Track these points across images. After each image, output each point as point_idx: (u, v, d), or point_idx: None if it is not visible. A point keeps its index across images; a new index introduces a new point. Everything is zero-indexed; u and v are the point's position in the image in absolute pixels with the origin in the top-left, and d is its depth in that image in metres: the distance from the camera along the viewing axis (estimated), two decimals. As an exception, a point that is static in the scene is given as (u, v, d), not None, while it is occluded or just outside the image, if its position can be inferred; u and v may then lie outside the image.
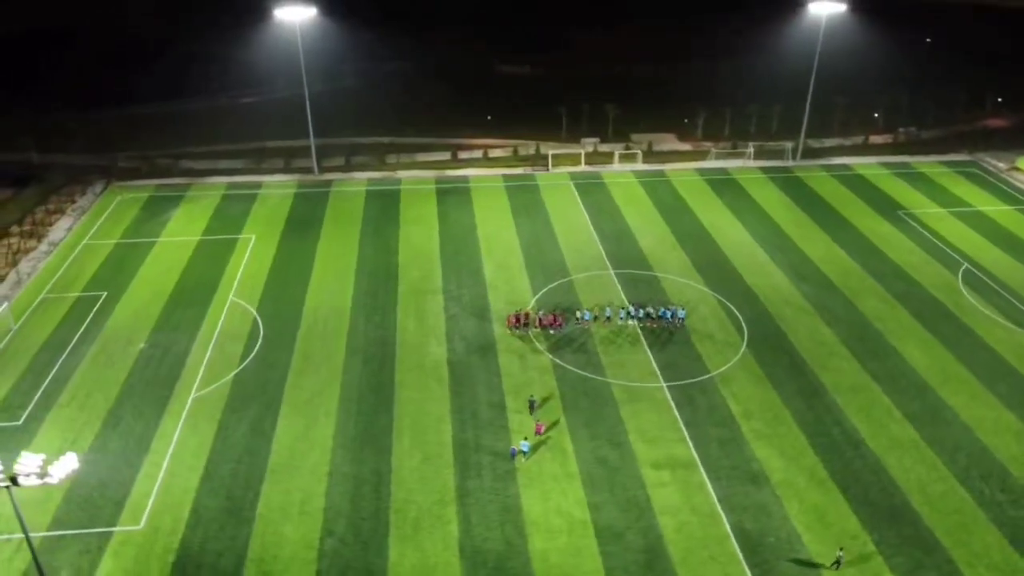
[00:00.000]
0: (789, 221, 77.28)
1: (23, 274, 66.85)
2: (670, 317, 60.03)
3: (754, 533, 42.55)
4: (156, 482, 45.53)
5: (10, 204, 78.54)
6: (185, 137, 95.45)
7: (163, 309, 62.33)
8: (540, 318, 59.59)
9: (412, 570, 40.28)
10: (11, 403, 51.86)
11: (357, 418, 50.69)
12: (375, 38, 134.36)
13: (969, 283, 66.69)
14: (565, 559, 40.93)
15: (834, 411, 51.62)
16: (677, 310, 60.60)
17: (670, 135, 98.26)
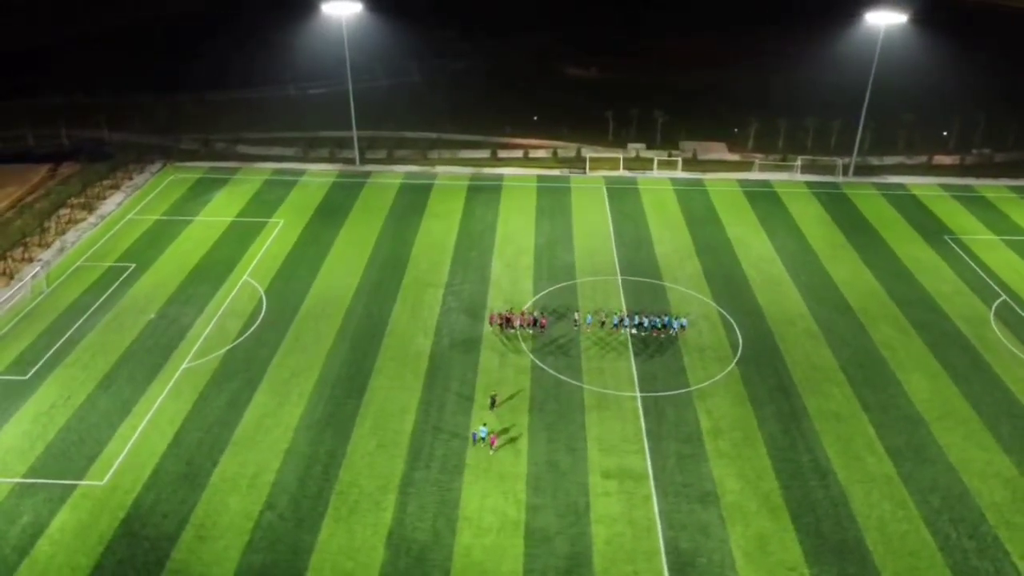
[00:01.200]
0: (821, 239, 74.13)
1: (67, 242, 72.12)
2: (660, 326, 58.82)
3: (687, 553, 41.44)
4: (128, 443, 48.44)
5: (75, 178, 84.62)
6: (248, 123, 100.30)
7: (180, 283, 65.94)
8: (520, 318, 59.57)
9: (337, 551, 41.37)
10: (24, 359, 56.22)
11: (328, 401, 52.28)
12: (455, 36, 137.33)
13: (1003, 317, 62.27)
14: (487, 557, 41.07)
15: (810, 437, 49.46)
16: (675, 320, 59.39)
17: (720, 144, 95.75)
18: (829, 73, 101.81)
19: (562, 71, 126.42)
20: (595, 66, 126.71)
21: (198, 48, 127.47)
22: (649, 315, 60.02)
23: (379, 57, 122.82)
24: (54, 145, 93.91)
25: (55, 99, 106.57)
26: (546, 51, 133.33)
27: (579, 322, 59.78)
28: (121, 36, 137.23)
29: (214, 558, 40.81)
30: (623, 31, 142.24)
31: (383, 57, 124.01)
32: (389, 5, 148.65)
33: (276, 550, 41.34)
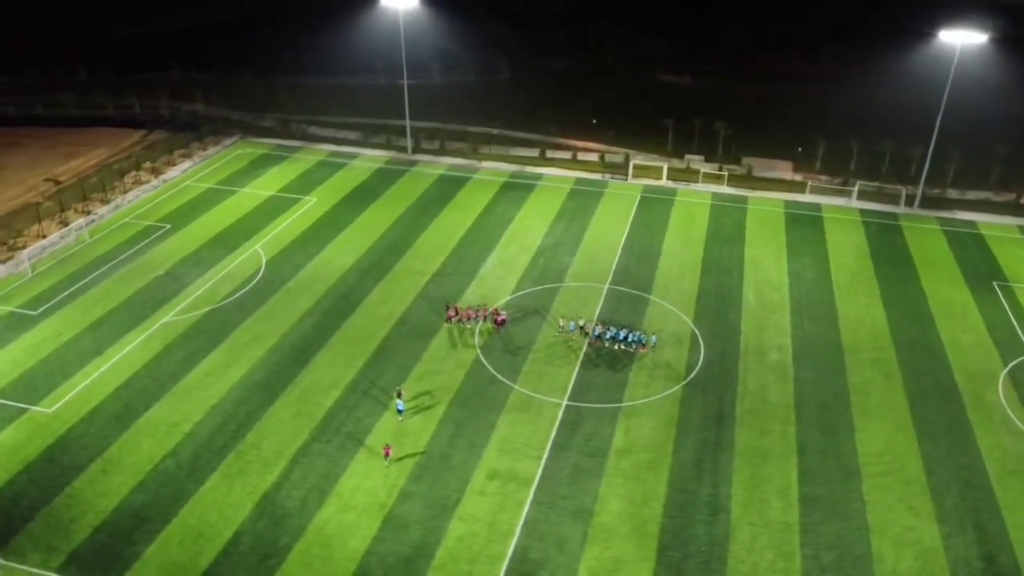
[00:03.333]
0: (846, 270, 68.76)
1: (125, 201, 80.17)
2: (623, 338, 57.19)
3: (533, 563, 40.77)
4: (86, 380, 53.81)
5: (159, 145, 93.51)
6: (331, 108, 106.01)
7: (199, 247, 71.64)
8: (477, 312, 59.97)
9: (209, 503, 44.17)
10: (41, 297, 63.53)
11: (270, 367, 55.36)
12: (563, 36, 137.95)
13: (1017, 378, 55.42)
14: (338, 532, 42.38)
15: (721, 472, 46.77)
16: (642, 335, 57.50)
17: (786, 163, 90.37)
18: (925, 95, 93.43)
19: (655, 76, 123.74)
20: (689, 74, 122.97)
21: (299, 36, 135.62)
22: (618, 327, 58.24)
23: (474, 54, 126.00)
24: (155, 114, 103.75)
25: (174, 74, 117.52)
26: (649, 56, 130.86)
27: (564, 328, 58.85)
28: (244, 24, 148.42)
29: (104, 491, 44.80)
30: (738, 41, 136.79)
31: (478, 54, 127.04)
32: (503, 4, 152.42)
33: (160, 493, 44.73)
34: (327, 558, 40.90)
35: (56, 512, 43.44)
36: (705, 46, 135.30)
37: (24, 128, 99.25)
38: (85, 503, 44.03)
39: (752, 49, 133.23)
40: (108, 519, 43.03)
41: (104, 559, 40.67)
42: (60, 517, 43.09)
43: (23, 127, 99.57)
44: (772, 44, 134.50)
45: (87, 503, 44.02)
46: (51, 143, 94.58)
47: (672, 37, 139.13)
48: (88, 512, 43.44)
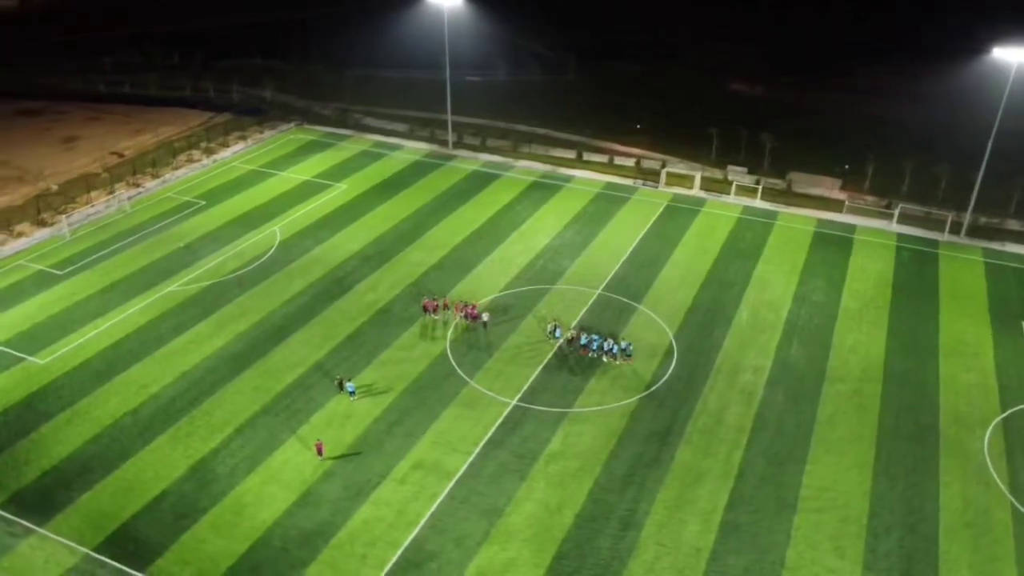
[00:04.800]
0: (860, 296, 64.98)
1: (173, 177, 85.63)
2: (596, 347, 56.38)
3: (426, 554, 41.31)
4: (82, 339, 58.24)
5: (221, 126, 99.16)
6: (391, 100, 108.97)
7: (224, 224, 75.72)
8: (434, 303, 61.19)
9: (150, 461, 47.14)
10: (71, 259, 69.06)
11: (248, 342, 58.12)
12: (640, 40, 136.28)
13: (1011, 427, 51.02)
14: (255, 502, 44.31)
15: (648, 488, 45.65)
16: (614, 344, 56.50)
17: (835, 180, 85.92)
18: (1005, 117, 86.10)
19: (725, 84, 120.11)
20: (762, 84, 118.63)
21: (374, 31, 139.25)
22: (593, 334, 57.42)
23: (541, 53, 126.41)
24: (226, 99, 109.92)
25: (256, 62, 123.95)
26: (724, 63, 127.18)
27: (555, 334, 58.20)
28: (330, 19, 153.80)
29: (63, 440, 48.58)
30: (824, 52, 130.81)
31: (546, 53, 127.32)
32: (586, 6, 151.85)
33: (110, 447, 48.08)
34: (235, 524, 42.81)
35: (16, 453, 47.46)
36: (789, 57, 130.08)
37: (109, 105, 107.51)
38: (43, 448, 47.85)
39: (838, 62, 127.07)
40: (57, 465, 46.65)
41: (42, 501, 44.15)
42: (17, 458, 47.04)
43: (108, 104, 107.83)
44: (862, 57, 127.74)
45: (44, 448, 47.82)
46: (127, 120, 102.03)
47: (754, 45, 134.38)
48: (43, 457, 47.21)
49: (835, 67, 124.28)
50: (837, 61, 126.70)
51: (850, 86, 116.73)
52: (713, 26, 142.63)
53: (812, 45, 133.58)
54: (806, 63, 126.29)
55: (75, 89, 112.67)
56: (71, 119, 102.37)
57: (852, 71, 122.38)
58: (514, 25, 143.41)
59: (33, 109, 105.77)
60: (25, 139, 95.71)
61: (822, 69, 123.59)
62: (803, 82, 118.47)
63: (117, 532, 42.33)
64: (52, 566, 40.34)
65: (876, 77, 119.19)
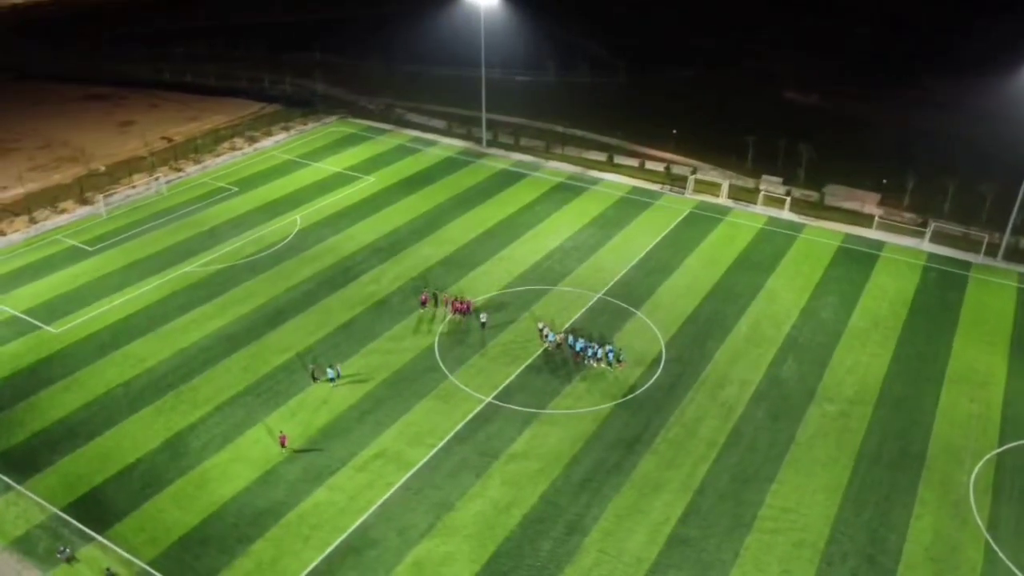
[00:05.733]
0: (872, 316, 62.40)
1: (214, 163, 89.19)
2: (580, 350, 56.04)
3: (367, 541, 42.25)
4: (95, 312, 61.53)
5: (268, 117, 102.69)
6: (438, 97, 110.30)
7: (250, 211, 78.51)
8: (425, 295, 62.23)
9: (132, 431, 49.57)
10: (103, 237, 72.98)
11: (247, 323, 60.27)
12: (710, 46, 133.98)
13: (1005, 464, 48.24)
14: (218, 477, 46.10)
15: (603, 495, 45.28)
16: (598, 348, 56.08)
17: (873, 195, 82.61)
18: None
19: (779, 93, 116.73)
20: (819, 93, 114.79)
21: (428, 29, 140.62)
22: (583, 340, 57.12)
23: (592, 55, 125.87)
24: (280, 90, 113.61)
25: (315, 56, 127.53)
26: (782, 70, 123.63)
27: (552, 339, 57.73)
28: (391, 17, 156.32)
29: (57, 405, 51.62)
30: (892, 62, 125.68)
31: (597, 55, 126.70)
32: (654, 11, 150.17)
33: (97, 415, 50.81)
34: (195, 498, 44.61)
35: (13, 415, 50.69)
36: (851, 66, 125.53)
37: (170, 92, 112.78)
38: (37, 412, 50.91)
39: (906, 73, 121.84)
40: (47, 428, 49.58)
41: (26, 460, 47.09)
42: (13, 420, 50.23)
43: (169, 91, 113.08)
44: (932, 69, 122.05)
45: (38, 412, 50.87)
46: (183, 107, 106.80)
47: (816, 53, 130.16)
48: (35, 420, 50.25)
49: (900, 78, 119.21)
50: (905, 72, 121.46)
51: (914, 98, 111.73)
52: (776, 33, 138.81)
53: (878, 54, 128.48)
54: (869, 73, 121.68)
55: (142, 77, 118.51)
56: (133, 104, 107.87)
57: (918, 83, 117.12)
58: (574, 26, 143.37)
59: (101, 94, 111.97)
60: (87, 122, 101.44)
61: (885, 80, 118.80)
62: (862, 93, 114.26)
63: (86, 495, 44.72)
64: (21, 522, 42.96)
65: (943, 90, 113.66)
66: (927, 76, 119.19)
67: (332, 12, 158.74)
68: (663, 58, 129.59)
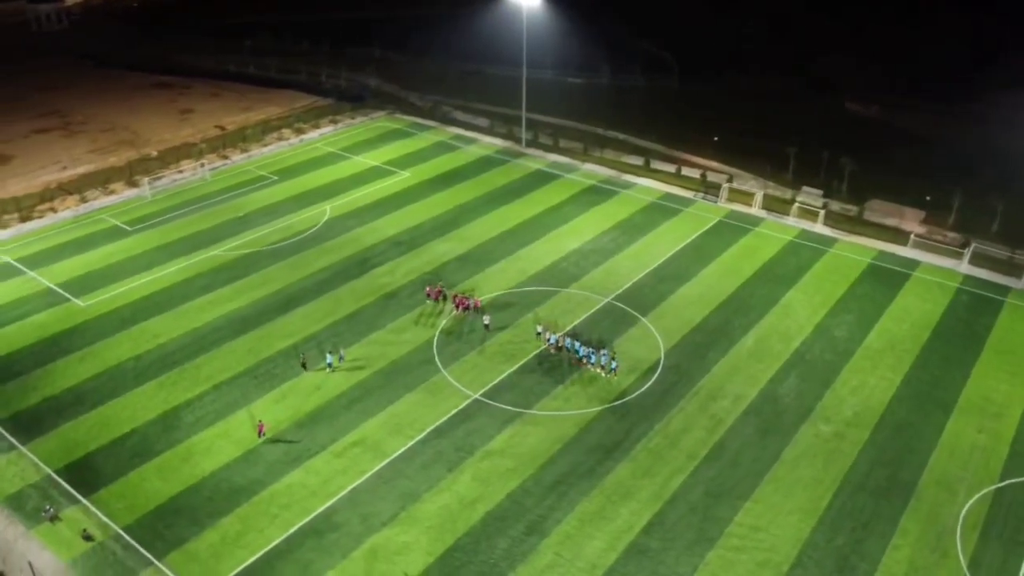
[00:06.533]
0: (889, 337, 59.96)
1: (259, 153, 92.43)
2: (582, 356, 55.72)
3: (330, 525, 43.29)
4: (122, 288, 64.82)
5: (319, 110, 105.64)
6: (487, 96, 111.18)
7: (284, 199, 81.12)
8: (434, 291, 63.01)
9: (131, 403, 52.17)
10: (143, 218, 76.78)
11: (258, 309, 62.42)
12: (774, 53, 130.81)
13: (1003, 498, 45.83)
14: (203, 452, 48.11)
15: (570, 498, 45.16)
16: (595, 354, 55.68)
17: (917, 212, 79.27)
18: None
19: (838, 103, 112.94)
20: (881, 104, 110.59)
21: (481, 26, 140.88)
22: (581, 344, 56.91)
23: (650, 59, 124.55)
24: (335, 84, 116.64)
25: (375, 53, 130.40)
26: (845, 80, 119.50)
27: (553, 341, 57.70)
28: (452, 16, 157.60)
29: (71, 374, 54.70)
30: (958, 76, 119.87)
31: (654, 60, 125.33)
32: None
33: (105, 386, 53.60)
34: (178, 470, 46.61)
35: (29, 380, 53.99)
36: (919, 77, 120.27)
37: (231, 83, 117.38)
38: (51, 379, 54.07)
39: (977, 86, 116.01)
40: (56, 395, 52.62)
41: (31, 423, 50.13)
42: (28, 385, 53.48)
43: (231, 82, 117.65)
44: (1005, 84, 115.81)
45: (52, 379, 54.01)
46: (241, 98, 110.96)
47: (883, 63, 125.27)
48: (48, 386, 53.38)
49: (967, 91, 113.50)
50: (971, 85, 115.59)
51: (978, 113, 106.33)
52: (843, 42, 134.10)
53: (947, 66, 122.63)
54: (934, 85, 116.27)
55: (208, 67, 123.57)
56: (195, 94, 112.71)
57: (985, 97, 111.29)
58: (633, 29, 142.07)
59: (167, 83, 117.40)
60: (149, 108, 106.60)
61: (951, 92, 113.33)
62: (924, 105, 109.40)
63: (80, 460, 47.31)
64: (16, 480, 45.80)
65: (1010, 104, 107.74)
66: (994, 90, 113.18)
67: (396, 10, 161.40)
68: (722, 63, 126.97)
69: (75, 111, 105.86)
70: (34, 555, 41.09)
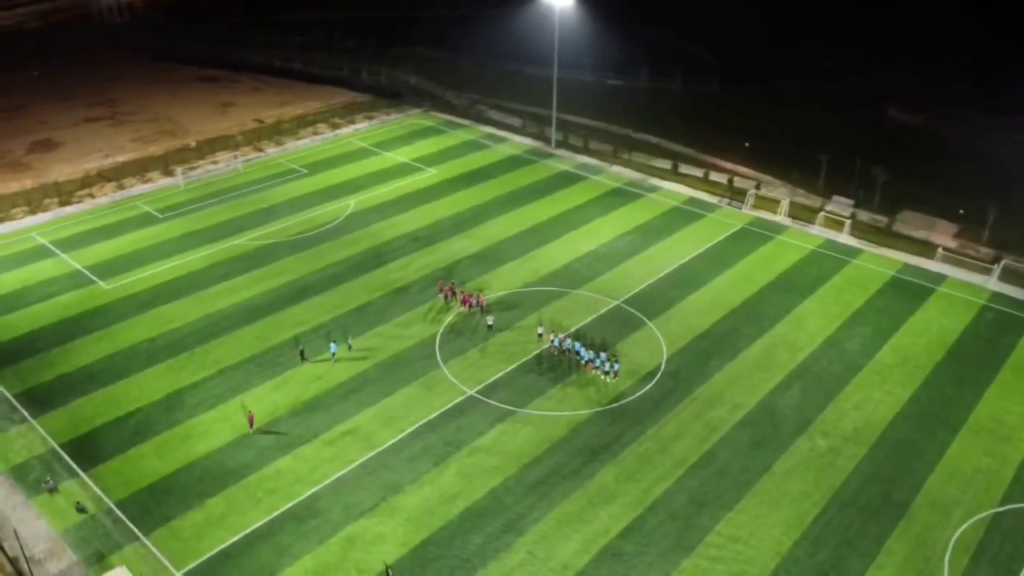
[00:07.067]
0: (903, 353, 58.30)
1: (293, 146, 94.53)
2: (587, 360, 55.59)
3: (312, 511, 44.23)
4: (146, 273, 67.21)
5: (357, 106, 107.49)
6: (523, 95, 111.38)
7: (310, 192, 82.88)
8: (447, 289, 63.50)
9: (139, 383, 54.16)
10: (175, 207, 79.40)
11: (271, 298, 64.02)
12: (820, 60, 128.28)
13: (1000, 524, 44.28)
14: (200, 434, 49.68)
15: (550, 498, 45.27)
16: (602, 360, 55.37)
17: (950, 226, 76.83)
18: None
19: (881, 111, 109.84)
20: (924, 114, 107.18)
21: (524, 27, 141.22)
22: (580, 346, 56.82)
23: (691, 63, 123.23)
24: (375, 81, 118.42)
25: (418, 51, 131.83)
26: (896, 89, 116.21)
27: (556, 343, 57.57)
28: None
29: (87, 353, 57.09)
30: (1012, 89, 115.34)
31: (696, 63, 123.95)
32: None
33: (117, 366, 55.72)
34: (175, 449, 48.24)
35: (48, 358, 56.46)
36: (973, 87, 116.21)
37: (275, 78, 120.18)
38: (68, 357, 56.45)
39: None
40: (71, 373, 54.92)
41: (44, 398, 52.48)
42: (45, 363, 55.99)
43: (275, 77, 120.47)
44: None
45: (69, 357, 56.39)
46: (282, 92, 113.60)
47: (932, 71, 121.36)
48: (64, 364, 55.76)
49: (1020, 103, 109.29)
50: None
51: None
52: (894, 49, 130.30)
53: (1004, 77, 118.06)
54: (988, 96, 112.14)
55: (254, 62, 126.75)
56: (238, 88, 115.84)
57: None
58: (675, 31, 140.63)
59: (214, 76, 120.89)
60: (193, 100, 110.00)
61: (1007, 104, 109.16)
62: (977, 117, 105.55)
63: (84, 435, 49.32)
64: (23, 451, 48.01)
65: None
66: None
67: (443, 9, 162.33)
68: (767, 69, 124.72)
69: (125, 101, 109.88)
70: (30, 524, 43.02)
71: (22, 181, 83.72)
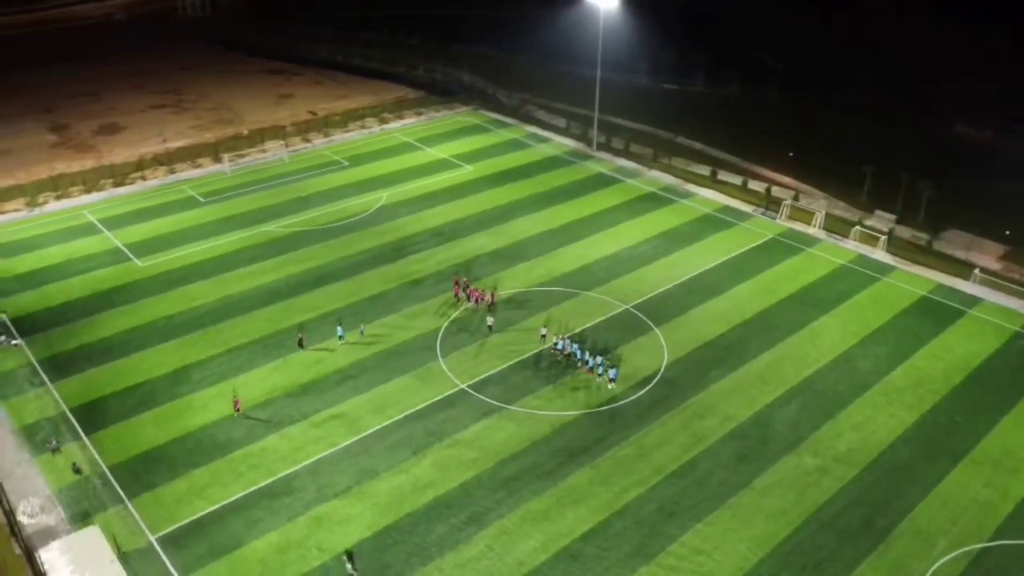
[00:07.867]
0: (918, 375, 55.89)
1: (340, 138, 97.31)
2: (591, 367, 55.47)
3: (287, 489, 45.71)
4: (179, 253, 70.52)
5: (408, 101, 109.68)
6: (574, 97, 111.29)
7: (347, 184, 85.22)
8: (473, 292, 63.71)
9: (151, 357, 56.89)
10: (218, 192, 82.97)
11: (292, 283, 66.32)
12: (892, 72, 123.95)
13: (984, 560, 42.19)
14: (197, 409, 51.96)
15: (520, 495, 45.52)
16: (597, 363, 55.31)
17: (996, 247, 73.14)
18: None
19: (948, 126, 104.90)
20: (993, 130, 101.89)
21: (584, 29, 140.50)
22: (579, 348, 56.86)
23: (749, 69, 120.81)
24: (430, 78, 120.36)
25: (478, 49, 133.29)
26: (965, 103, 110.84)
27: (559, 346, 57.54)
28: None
29: (111, 326, 60.41)
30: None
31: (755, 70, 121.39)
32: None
33: (136, 339, 58.82)
34: (171, 422, 50.66)
35: (74, 328, 60.03)
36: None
37: (336, 72, 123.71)
38: (92, 328, 59.88)
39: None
40: (93, 343, 58.23)
41: (64, 365, 55.83)
42: (71, 332, 59.54)
43: (336, 71, 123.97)
44: None
45: (93, 329, 59.81)
46: (340, 86, 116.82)
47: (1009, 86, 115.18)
48: (88, 334, 59.16)
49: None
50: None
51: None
52: (971, 64, 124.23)
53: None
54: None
55: (319, 57, 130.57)
56: (300, 80, 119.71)
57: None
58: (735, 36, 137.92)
59: (279, 69, 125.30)
60: (254, 91, 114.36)
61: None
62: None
63: (92, 402, 52.29)
64: (36, 412, 51.28)
65: None
66: None
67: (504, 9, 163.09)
68: (831, 78, 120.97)
69: (191, 90, 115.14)
70: (31, 480, 45.97)
71: (84, 162, 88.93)
